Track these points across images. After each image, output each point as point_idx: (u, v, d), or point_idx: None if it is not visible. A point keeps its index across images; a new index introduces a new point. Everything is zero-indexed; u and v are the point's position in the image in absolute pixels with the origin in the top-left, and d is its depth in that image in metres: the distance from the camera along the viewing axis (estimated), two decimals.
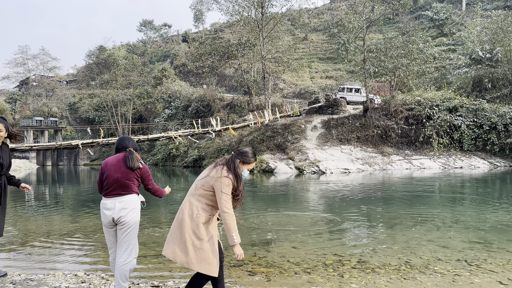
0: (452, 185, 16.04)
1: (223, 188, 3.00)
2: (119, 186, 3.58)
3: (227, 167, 3.11)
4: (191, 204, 3.07)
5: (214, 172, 3.09)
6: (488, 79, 31.82)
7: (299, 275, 4.69)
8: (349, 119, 29.09)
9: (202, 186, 3.10)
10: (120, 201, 3.59)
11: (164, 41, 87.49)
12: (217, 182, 3.03)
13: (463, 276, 4.60)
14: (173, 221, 3.18)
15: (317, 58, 57.70)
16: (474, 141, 26.36)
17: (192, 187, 3.17)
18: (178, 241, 3.05)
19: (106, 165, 3.62)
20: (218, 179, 3.04)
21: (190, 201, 3.09)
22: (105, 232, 3.73)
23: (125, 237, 3.60)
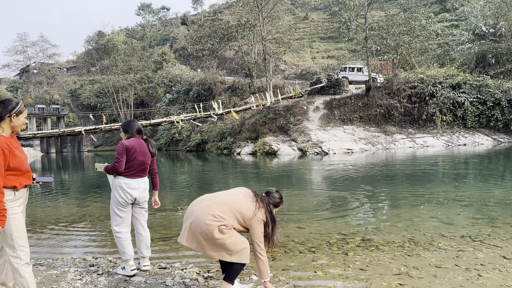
0: (455, 162, 16.03)
1: (262, 229, 3.21)
2: (142, 168, 3.99)
3: (266, 212, 3.24)
4: (225, 215, 3.09)
5: (261, 215, 3.20)
6: (492, 54, 31.42)
7: (304, 254, 4.75)
8: (352, 99, 28.91)
9: (244, 215, 3.14)
10: (142, 181, 4.04)
11: (163, 25, 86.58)
12: (258, 225, 3.18)
13: (467, 251, 4.64)
14: (192, 215, 3.14)
15: (318, 37, 57.02)
16: (477, 118, 26.22)
17: (230, 200, 3.18)
18: (204, 238, 3.05)
19: (132, 148, 3.89)
20: (260, 222, 3.19)
21: (226, 213, 3.10)
22: (119, 210, 3.96)
23: (144, 212, 4.16)
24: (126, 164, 3.90)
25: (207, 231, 3.02)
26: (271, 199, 3.35)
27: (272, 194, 3.40)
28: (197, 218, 3.07)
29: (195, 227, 3.06)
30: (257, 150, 25.72)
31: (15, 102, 2.78)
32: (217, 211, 3.07)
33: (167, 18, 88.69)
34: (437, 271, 4.03)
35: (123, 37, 64.50)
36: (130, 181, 3.94)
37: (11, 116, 2.73)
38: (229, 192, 3.30)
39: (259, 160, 22.00)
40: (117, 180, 3.94)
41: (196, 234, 3.06)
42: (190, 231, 3.08)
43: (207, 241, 3.04)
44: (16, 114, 2.76)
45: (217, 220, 3.04)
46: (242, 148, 27.55)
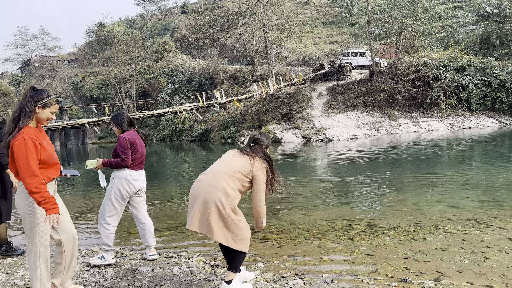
0: (460, 146, 15.95)
1: (265, 179, 3.15)
2: (143, 160, 4.13)
3: (263, 159, 3.21)
4: (229, 184, 3.02)
5: (259, 164, 3.14)
6: (496, 35, 30.98)
7: (310, 241, 4.76)
8: (355, 85, 28.71)
9: (243, 171, 3.08)
10: (142, 173, 4.16)
11: (163, 14, 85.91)
12: (261, 173, 3.13)
13: (473, 234, 4.64)
14: (199, 196, 3.03)
15: (320, 23, 56.40)
16: (482, 100, 25.99)
17: (223, 165, 3.11)
18: (215, 219, 2.96)
19: (134, 141, 3.97)
20: (262, 170, 3.15)
21: (227, 181, 3.02)
22: (118, 203, 4.00)
23: (144, 201, 4.24)
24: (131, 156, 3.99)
25: (219, 211, 2.95)
26: (260, 145, 3.28)
27: (259, 139, 3.31)
28: (206, 199, 2.98)
29: (204, 209, 2.97)
30: None
31: (46, 94, 2.74)
32: (221, 186, 2.99)
33: (167, 7, 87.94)
34: (443, 254, 4.03)
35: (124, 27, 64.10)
36: (134, 173, 4.02)
37: (37, 107, 2.70)
38: (220, 161, 3.21)
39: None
40: (121, 172, 3.98)
41: (206, 217, 2.96)
42: (199, 215, 2.99)
43: (218, 223, 2.95)
44: (42, 106, 2.72)
45: (226, 197, 2.98)
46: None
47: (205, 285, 3.34)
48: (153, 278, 3.59)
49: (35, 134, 2.66)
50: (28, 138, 2.60)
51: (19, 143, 2.58)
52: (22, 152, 2.57)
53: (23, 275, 3.78)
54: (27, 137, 2.60)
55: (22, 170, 2.57)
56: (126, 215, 6.85)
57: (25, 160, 2.56)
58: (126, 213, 7.02)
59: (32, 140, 2.60)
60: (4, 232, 4.45)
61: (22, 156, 2.57)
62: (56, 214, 2.58)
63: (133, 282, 3.48)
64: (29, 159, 2.57)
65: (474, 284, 3.26)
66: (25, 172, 2.56)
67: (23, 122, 2.62)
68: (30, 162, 2.56)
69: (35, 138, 2.64)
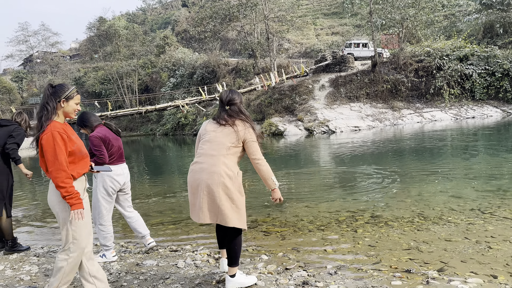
0: (464, 136, 15.88)
1: (254, 137, 3.03)
2: (121, 153, 4.07)
3: (243, 119, 3.06)
4: (227, 165, 2.93)
5: (242, 126, 3.01)
6: (500, 24, 30.66)
7: (313, 233, 4.77)
8: (358, 76, 28.56)
9: (232, 144, 2.97)
10: (124, 166, 4.12)
11: (163, 8, 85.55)
12: (248, 133, 3.01)
13: (477, 224, 4.63)
14: (201, 187, 2.92)
15: (322, 14, 56.00)
16: (486, 90, 25.79)
17: (214, 147, 2.97)
18: (227, 206, 2.88)
19: (106, 136, 3.89)
20: (248, 129, 3.02)
21: (225, 163, 2.93)
22: (106, 201, 3.98)
23: (128, 198, 4.22)
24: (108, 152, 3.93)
25: (228, 196, 2.89)
26: (235, 104, 3.09)
27: (232, 100, 3.10)
28: (211, 188, 2.88)
29: (212, 199, 2.88)
30: (264, 131, 25.66)
31: (66, 87, 2.76)
32: (222, 170, 2.90)
33: (167, 0, 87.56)
34: (447, 244, 4.03)
35: (124, 22, 63.89)
36: (115, 168, 3.95)
37: (61, 101, 2.71)
38: (206, 142, 3.04)
39: (266, 141, 22.00)
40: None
41: (216, 206, 2.89)
42: (208, 206, 2.90)
43: (230, 209, 2.89)
44: (66, 100, 2.72)
45: (230, 179, 2.91)
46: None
47: (209, 278, 3.35)
48: (158, 271, 3.61)
49: (62, 127, 2.68)
50: (56, 132, 2.62)
51: (47, 137, 2.60)
52: (50, 146, 2.59)
53: (28, 270, 3.81)
54: (55, 131, 2.62)
55: (49, 164, 2.59)
56: None
57: (53, 154, 2.58)
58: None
59: (59, 134, 2.62)
60: (10, 228, 4.48)
61: (50, 150, 2.59)
62: (80, 209, 2.60)
63: (138, 276, 3.50)
64: (57, 152, 2.59)
65: (478, 273, 3.26)
66: (52, 166, 2.58)
67: (46, 120, 2.64)
68: (58, 155, 2.58)
69: (63, 131, 2.66)
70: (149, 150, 25.17)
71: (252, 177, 9.54)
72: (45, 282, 3.44)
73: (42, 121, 2.65)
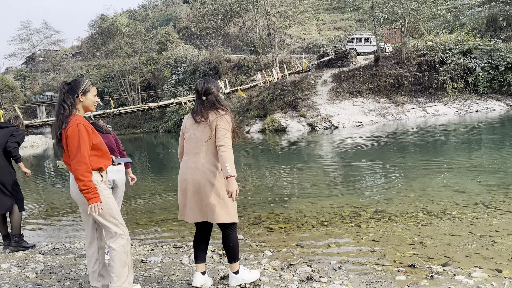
0: (467, 130, 15.82)
1: (227, 125, 2.84)
2: (109, 150, 4.07)
3: (219, 108, 2.91)
4: (209, 160, 2.87)
5: (214, 116, 2.86)
6: (503, 17, 30.43)
7: (317, 228, 4.77)
8: (360, 71, 28.44)
9: (210, 137, 2.86)
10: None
11: (165, 4, 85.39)
12: (220, 120, 2.85)
13: (481, 219, 4.62)
14: (189, 187, 2.88)
15: (324, 9, 55.74)
16: (489, 83, 25.65)
17: (197, 146, 2.90)
18: (214, 203, 2.84)
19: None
20: (221, 117, 2.86)
21: (208, 160, 2.86)
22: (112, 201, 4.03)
23: (120, 202, 4.12)
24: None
25: (214, 193, 2.83)
26: (212, 93, 2.95)
27: (208, 89, 2.95)
28: (197, 188, 2.85)
29: (200, 198, 2.85)
30: (266, 128, 25.65)
31: (81, 81, 2.77)
32: (206, 168, 2.84)
33: None
34: (451, 239, 4.02)
35: (126, 19, 63.83)
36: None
37: (79, 96, 2.72)
38: (189, 141, 2.95)
39: (268, 138, 21.99)
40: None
41: (205, 204, 2.85)
42: (197, 205, 2.86)
43: (218, 205, 2.84)
44: (83, 93, 2.74)
45: (215, 175, 2.85)
46: (251, 126, 27.49)
47: (213, 274, 3.36)
48: (162, 268, 3.63)
49: (84, 120, 2.71)
50: (81, 125, 2.64)
51: (73, 129, 2.61)
52: (75, 138, 2.60)
53: (34, 267, 3.83)
54: (80, 123, 2.64)
55: (72, 156, 2.60)
56: (134, 207, 6.91)
57: (76, 146, 2.59)
58: (134, 205, 7.09)
59: (84, 126, 2.64)
60: (19, 222, 4.59)
61: (75, 142, 2.60)
62: (98, 203, 2.61)
63: (143, 273, 3.51)
64: (80, 145, 2.60)
65: (483, 268, 3.25)
66: (74, 158, 2.59)
67: (65, 118, 2.64)
68: (81, 148, 2.59)
69: (87, 124, 2.69)
70: (152, 147, 25.21)
71: (255, 173, 9.55)
72: (50, 280, 3.46)
73: (61, 119, 2.64)
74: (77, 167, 2.56)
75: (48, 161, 21.73)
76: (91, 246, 2.85)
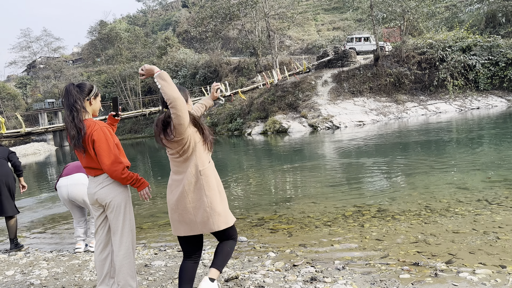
0: (469, 126, 15.79)
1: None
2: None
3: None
4: (196, 165, 2.52)
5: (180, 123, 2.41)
6: (502, 13, 30.39)
7: (320, 229, 4.77)
8: (360, 70, 28.45)
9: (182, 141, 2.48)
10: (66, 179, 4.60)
11: (164, 9, 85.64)
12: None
13: (484, 215, 4.61)
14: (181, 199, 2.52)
15: (322, 9, 55.81)
16: (490, 80, 25.61)
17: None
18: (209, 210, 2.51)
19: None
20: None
21: (194, 165, 2.52)
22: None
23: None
24: None
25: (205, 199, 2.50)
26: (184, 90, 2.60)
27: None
28: (190, 200, 2.50)
29: (195, 206, 2.50)
30: (268, 129, 25.66)
31: (90, 84, 2.77)
32: (190, 174, 2.50)
33: (168, 1, 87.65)
34: (454, 236, 4.02)
35: (125, 25, 64.07)
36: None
37: (90, 100, 2.72)
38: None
39: (270, 139, 21.99)
40: None
41: (200, 214, 2.50)
42: (194, 217, 2.50)
43: (212, 212, 2.50)
44: (94, 97, 2.76)
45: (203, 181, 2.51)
46: (253, 128, 27.50)
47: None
48: (166, 272, 3.63)
49: (103, 122, 2.73)
50: (104, 127, 2.65)
51: (98, 133, 2.61)
52: (103, 141, 2.61)
53: (38, 274, 3.84)
54: (102, 126, 2.66)
55: (105, 159, 2.59)
56: (137, 212, 6.92)
57: (106, 149, 2.60)
58: (137, 209, 7.09)
59: (106, 128, 2.67)
60: (16, 226, 5.00)
61: (104, 145, 2.60)
62: (146, 188, 2.73)
63: (147, 277, 3.52)
64: (110, 147, 2.62)
65: (487, 264, 3.24)
66: (108, 160, 2.59)
67: (80, 121, 2.59)
68: (112, 149, 2.62)
69: (107, 125, 2.71)
70: (154, 151, 25.25)
71: (258, 174, 9.54)
72: (55, 286, 3.47)
73: (77, 123, 2.58)
74: (114, 168, 2.59)
75: (51, 168, 21.78)
76: (104, 250, 2.84)
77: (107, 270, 2.84)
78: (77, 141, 2.60)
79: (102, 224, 2.82)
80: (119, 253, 2.72)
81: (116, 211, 2.71)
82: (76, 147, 2.62)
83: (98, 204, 2.75)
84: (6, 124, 30.17)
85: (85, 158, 2.68)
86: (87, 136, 2.60)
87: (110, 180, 2.69)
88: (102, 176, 2.69)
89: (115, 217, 2.72)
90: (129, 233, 2.76)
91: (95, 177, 2.71)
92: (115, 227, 2.73)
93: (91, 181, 2.75)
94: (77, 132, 2.59)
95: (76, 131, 2.59)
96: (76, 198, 4.43)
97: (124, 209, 2.73)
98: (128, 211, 2.76)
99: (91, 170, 2.70)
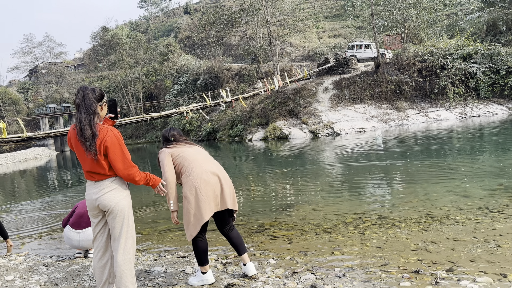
0: (470, 134, 15.79)
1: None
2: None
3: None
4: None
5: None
6: (503, 21, 30.52)
7: (320, 235, 4.76)
8: (361, 77, 28.52)
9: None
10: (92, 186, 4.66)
11: (166, 15, 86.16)
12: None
13: (484, 223, 4.59)
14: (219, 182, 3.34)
15: (323, 17, 56.10)
16: (491, 88, 25.66)
17: (204, 157, 3.57)
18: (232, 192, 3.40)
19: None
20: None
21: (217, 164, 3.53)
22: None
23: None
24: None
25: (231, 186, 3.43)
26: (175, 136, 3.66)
27: (169, 135, 3.66)
28: (225, 182, 3.34)
29: (229, 186, 3.36)
30: (269, 135, 25.68)
31: (101, 90, 2.78)
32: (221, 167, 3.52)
33: (170, 8, 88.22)
34: (455, 244, 4.01)
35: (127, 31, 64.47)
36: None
37: (102, 105, 2.74)
38: (198, 154, 3.60)
39: (271, 145, 21.99)
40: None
41: (232, 192, 3.36)
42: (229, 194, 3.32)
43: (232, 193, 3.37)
44: (105, 104, 2.78)
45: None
46: (253, 134, 27.52)
47: (217, 283, 3.36)
48: (166, 278, 3.62)
49: (114, 128, 2.74)
50: (117, 133, 2.68)
51: (111, 139, 2.63)
52: (117, 146, 2.64)
53: (38, 279, 3.83)
54: (115, 131, 2.68)
55: (119, 164, 2.64)
56: (137, 218, 6.91)
57: (121, 153, 2.65)
58: (137, 215, 7.09)
59: (118, 133, 2.70)
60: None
61: (118, 150, 2.64)
62: (160, 183, 2.90)
63: (147, 283, 3.51)
64: (124, 151, 2.68)
65: (488, 272, 3.23)
66: (122, 164, 2.65)
67: (95, 125, 2.61)
68: (126, 154, 2.68)
69: (118, 131, 2.73)
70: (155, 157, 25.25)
71: (258, 181, 9.54)
72: None
73: (93, 126, 2.60)
74: (129, 172, 2.68)
75: (52, 172, 21.78)
76: (104, 256, 2.82)
77: (106, 276, 2.83)
78: (92, 143, 2.58)
79: (101, 230, 2.81)
80: (119, 259, 2.71)
81: (119, 216, 2.71)
82: (90, 149, 2.59)
83: (98, 210, 2.74)
84: (8, 129, 30.20)
85: (90, 162, 2.66)
86: (99, 141, 2.59)
87: (115, 185, 2.70)
88: (106, 181, 2.69)
89: (117, 222, 2.71)
90: (130, 239, 2.76)
91: (97, 182, 2.71)
92: (116, 233, 2.73)
93: (92, 186, 2.73)
94: (93, 134, 2.58)
95: (92, 133, 2.58)
96: (85, 248, 4.56)
97: (126, 214, 2.74)
98: (130, 216, 2.78)
99: (94, 175, 2.69)
